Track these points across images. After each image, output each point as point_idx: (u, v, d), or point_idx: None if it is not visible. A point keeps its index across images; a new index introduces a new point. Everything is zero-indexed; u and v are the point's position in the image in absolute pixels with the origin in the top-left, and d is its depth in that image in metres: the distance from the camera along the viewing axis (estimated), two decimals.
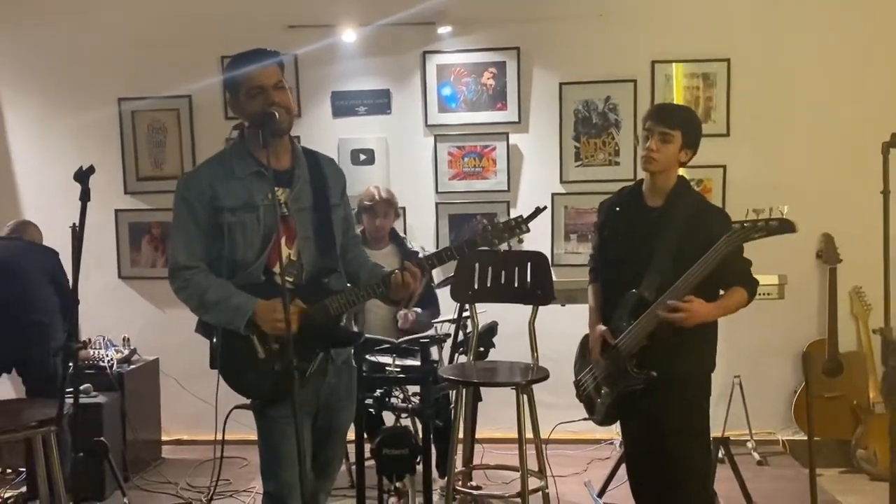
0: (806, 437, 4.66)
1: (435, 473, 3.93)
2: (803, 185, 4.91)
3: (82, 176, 2.56)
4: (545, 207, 2.78)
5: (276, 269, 2.63)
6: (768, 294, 4.14)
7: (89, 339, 4.85)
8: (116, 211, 5.36)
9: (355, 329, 3.16)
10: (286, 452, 2.62)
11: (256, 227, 2.64)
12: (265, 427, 2.72)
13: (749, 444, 4.92)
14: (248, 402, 2.71)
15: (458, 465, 4.00)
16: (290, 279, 2.68)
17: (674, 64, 5.04)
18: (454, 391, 3.83)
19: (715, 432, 4.84)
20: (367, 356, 3.96)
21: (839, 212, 4.91)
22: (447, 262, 2.76)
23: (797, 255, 4.91)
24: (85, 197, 2.60)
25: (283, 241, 2.66)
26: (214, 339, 2.69)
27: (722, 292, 2.98)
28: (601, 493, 4.24)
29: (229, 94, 2.70)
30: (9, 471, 4.62)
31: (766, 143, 5.03)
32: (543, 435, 3.62)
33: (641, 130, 3.05)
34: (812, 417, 3.42)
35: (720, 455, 3.97)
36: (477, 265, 3.65)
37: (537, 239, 5.09)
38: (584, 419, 3.37)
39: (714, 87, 5.03)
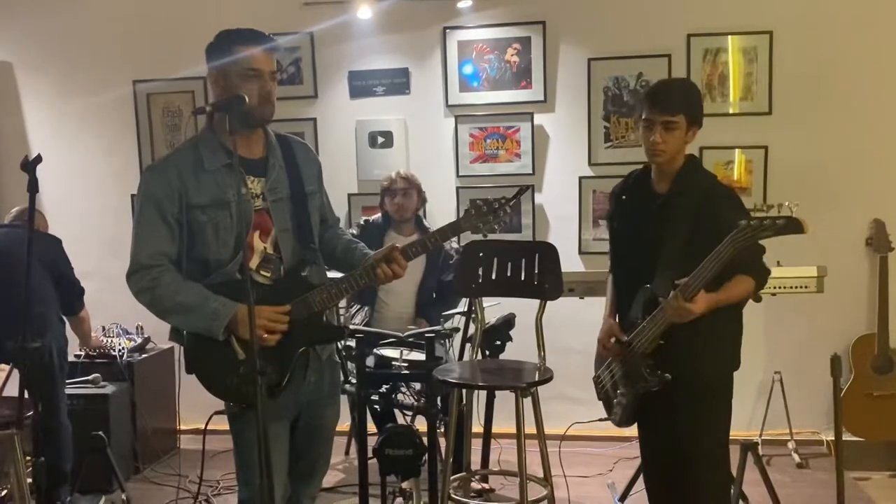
0: (853, 438, 4.44)
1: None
2: (852, 167, 4.65)
3: (29, 166, 2.40)
4: (529, 187, 2.63)
5: (253, 264, 2.52)
6: (805, 287, 3.84)
7: (103, 327, 4.79)
8: (133, 196, 5.25)
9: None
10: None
11: (229, 224, 2.49)
12: (239, 432, 2.62)
13: (790, 445, 4.65)
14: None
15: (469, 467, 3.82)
16: (268, 274, 2.57)
17: (711, 37, 4.71)
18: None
19: (752, 431, 4.62)
20: (374, 350, 3.83)
21: (891, 196, 4.62)
22: (431, 248, 2.67)
23: (845, 243, 4.66)
24: (33, 188, 2.44)
25: (256, 234, 2.54)
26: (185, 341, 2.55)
27: None
28: (624, 497, 3.99)
29: (216, 69, 2.48)
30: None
31: (812, 123, 4.69)
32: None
33: (640, 118, 2.75)
34: (839, 418, 3.28)
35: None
36: (481, 255, 3.41)
37: (563, 225, 4.91)
38: (601, 420, 3.20)
39: (755, 62, 4.70)
